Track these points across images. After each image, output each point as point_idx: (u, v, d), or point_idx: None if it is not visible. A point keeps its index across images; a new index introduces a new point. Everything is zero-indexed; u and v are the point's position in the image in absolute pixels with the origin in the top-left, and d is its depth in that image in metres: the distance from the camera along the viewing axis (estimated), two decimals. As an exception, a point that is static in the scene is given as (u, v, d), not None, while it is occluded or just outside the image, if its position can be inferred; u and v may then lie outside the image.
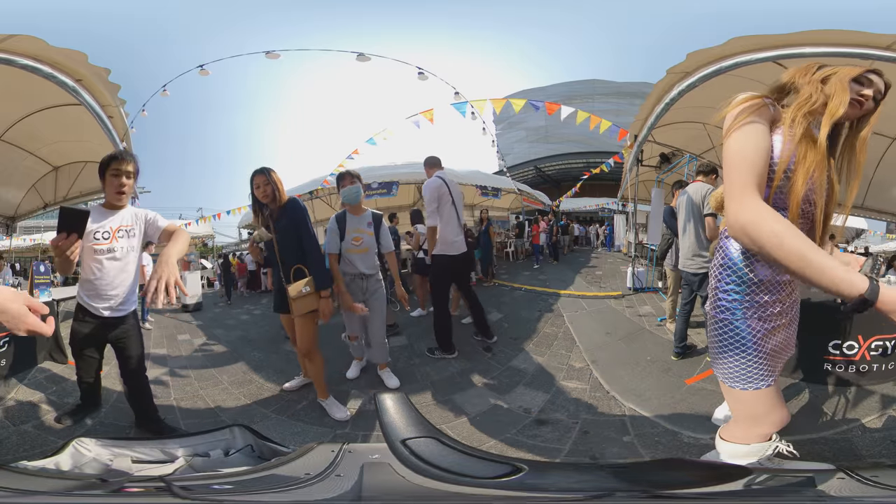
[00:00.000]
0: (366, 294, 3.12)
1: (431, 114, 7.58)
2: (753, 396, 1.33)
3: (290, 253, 2.69)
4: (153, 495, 0.95)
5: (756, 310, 1.30)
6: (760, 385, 1.32)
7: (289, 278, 2.68)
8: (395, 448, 0.90)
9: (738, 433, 1.43)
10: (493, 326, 4.26)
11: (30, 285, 4.08)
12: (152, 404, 2.57)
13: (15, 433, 2.49)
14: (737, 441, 1.41)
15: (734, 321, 1.32)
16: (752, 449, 1.40)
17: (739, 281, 1.31)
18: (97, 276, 2.27)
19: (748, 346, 1.31)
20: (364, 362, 3.36)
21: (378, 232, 3.16)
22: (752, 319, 1.31)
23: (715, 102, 1.31)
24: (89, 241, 2.22)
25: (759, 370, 1.32)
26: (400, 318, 5.04)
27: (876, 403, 2.64)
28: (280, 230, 2.71)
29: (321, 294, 2.65)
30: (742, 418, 1.41)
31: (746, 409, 1.38)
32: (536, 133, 26.38)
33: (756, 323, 1.31)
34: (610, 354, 3.82)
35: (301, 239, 2.68)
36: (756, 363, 1.31)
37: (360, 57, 6.64)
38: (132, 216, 2.38)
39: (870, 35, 3.45)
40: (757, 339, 1.31)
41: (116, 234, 2.29)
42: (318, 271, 2.68)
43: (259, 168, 2.71)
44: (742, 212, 1.09)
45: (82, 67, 4.07)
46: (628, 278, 6.50)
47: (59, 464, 1.27)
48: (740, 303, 1.31)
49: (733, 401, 1.41)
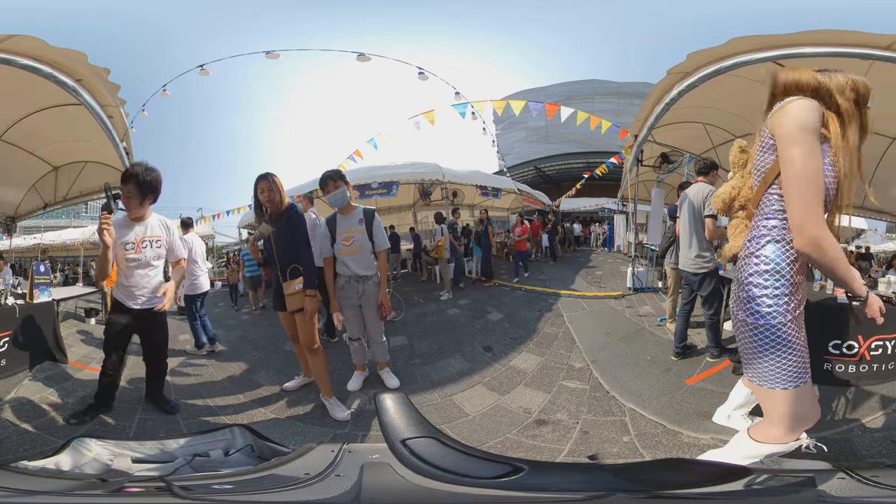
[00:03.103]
0: (361, 297, 3.04)
1: (432, 115, 7.59)
2: (797, 394, 1.37)
3: (287, 253, 2.86)
4: (153, 495, 0.95)
5: (796, 306, 1.38)
6: (805, 379, 1.38)
7: (285, 276, 2.85)
8: (395, 448, 0.90)
9: (775, 433, 1.43)
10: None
11: (30, 285, 4.07)
12: (162, 384, 2.97)
13: (15, 433, 2.49)
14: (775, 441, 1.43)
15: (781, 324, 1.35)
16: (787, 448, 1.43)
17: (787, 284, 1.36)
18: (127, 279, 2.68)
19: (793, 343, 1.36)
20: (366, 372, 3.32)
21: (370, 229, 3.05)
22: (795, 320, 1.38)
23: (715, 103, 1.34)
24: (121, 251, 2.64)
25: (802, 366, 1.38)
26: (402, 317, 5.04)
27: (876, 403, 2.64)
28: (278, 233, 2.87)
29: (306, 293, 2.81)
30: (782, 419, 1.41)
31: (789, 409, 1.39)
32: (536, 133, 26.39)
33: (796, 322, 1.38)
34: (610, 354, 3.82)
35: (295, 241, 2.85)
36: (800, 359, 1.37)
37: (360, 57, 6.64)
38: (160, 226, 2.79)
39: (870, 35, 3.45)
40: (798, 335, 1.38)
41: (141, 245, 2.69)
42: (307, 272, 2.84)
43: (263, 174, 2.89)
44: (818, 227, 1.24)
45: (82, 67, 4.07)
46: (628, 278, 6.49)
47: (59, 464, 1.27)
48: (787, 304, 1.36)
49: (775, 403, 1.41)
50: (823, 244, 1.24)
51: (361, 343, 3.21)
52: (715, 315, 3.54)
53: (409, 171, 9.04)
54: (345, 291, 3.04)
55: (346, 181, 3.06)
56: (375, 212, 3.15)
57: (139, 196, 2.63)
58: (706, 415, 2.52)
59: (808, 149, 1.23)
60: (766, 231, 1.37)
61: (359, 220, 3.04)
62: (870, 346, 2.86)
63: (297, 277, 2.83)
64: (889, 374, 2.86)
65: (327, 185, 3.01)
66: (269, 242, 2.90)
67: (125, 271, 2.67)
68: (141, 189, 2.62)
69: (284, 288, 2.84)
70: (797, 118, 1.25)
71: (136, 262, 2.66)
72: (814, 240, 1.24)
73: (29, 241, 15.74)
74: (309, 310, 2.82)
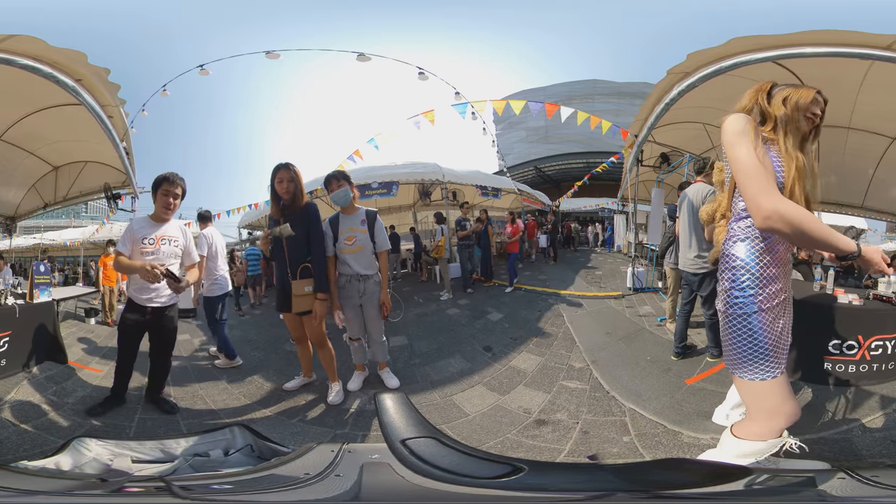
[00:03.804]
0: (363, 296, 3.05)
1: (432, 115, 7.58)
2: (768, 387, 1.45)
3: (299, 252, 2.86)
4: (153, 495, 0.95)
5: (767, 300, 1.45)
6: (775, 373, 1.44)
7: (295, 275, 2.85)
8: (395, 448, 0.90)
9: (754, 429, 1.50)
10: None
11: (30, 285, 4.07)
12: (163, 384, 3.02)
13: (15, 433, 2.49)
14: (753, 438, 1.49)
15: (749, 315, 1.45)
16: (766, 445, 1.47)
17: (754, 277, 1.46)
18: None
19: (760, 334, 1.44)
20: (366, 372, 3.33)
21: (372, 230, 3.08)
22: (764, 312, 1.45)
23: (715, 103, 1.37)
24: (138, 247, 2.74)
25: (772, 358, 1.45)
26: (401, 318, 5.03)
27: (876, 403, 2.64)
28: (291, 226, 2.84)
29: (317, 296, 2.84)
30: (758, 413, 1.50)
31: (762, 402, 1.48)
32: (536, 133, 26.37)
33: (767, 314, 1.45)
34: (610, 354, 3.82)
35: (310, 242, 2.87)
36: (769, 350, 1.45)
37: (360, 57, 6.64)
38: (179, 230, 2.91)
39: (870, 35, 3.45)
40: (768, 327, 1.45)
41: (160, 242, 2.79)
42: (320, 274, 2.86)
43: (283, 163, 2.89)
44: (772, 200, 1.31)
45: (82, 67, 4.07)
46: (628, 278, 6.49)
47: (59, 464, 1.27)
48: (754, 297, 1.45)
49: (748, 395, 1.51)
50: (785, 213, 1.30)
51: (362, 343, 3.21)
52: (715, 315, 3.53)
53: (409, 171, 9.04)
54: (346, 291, 3.04)
55: (349, 182, 3.08)
56: (377, 213, 3.19)
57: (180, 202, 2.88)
58: (706, 415, 2.52)
59: (745, 146, 1.38)
60: (736, 232, 1.51)
61: (361, 221, 3.07)
62: (870, 346, 2.85)
63: (307, 278, 2.84)
64: (889, 374, 2.86)
65: (331, 184, 3.04)
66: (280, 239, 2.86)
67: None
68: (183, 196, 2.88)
69: (293, 287, 2.83)
70: (729, 128, 1.44)
71: (153, 257, 2.74)
72: (773, 213, 1.30)
73: (29, 241, 15.74)
74: (319, 314, 2.85)
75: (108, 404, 2.83)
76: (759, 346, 1.45)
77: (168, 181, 2.78)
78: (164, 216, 2.83)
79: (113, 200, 6.10)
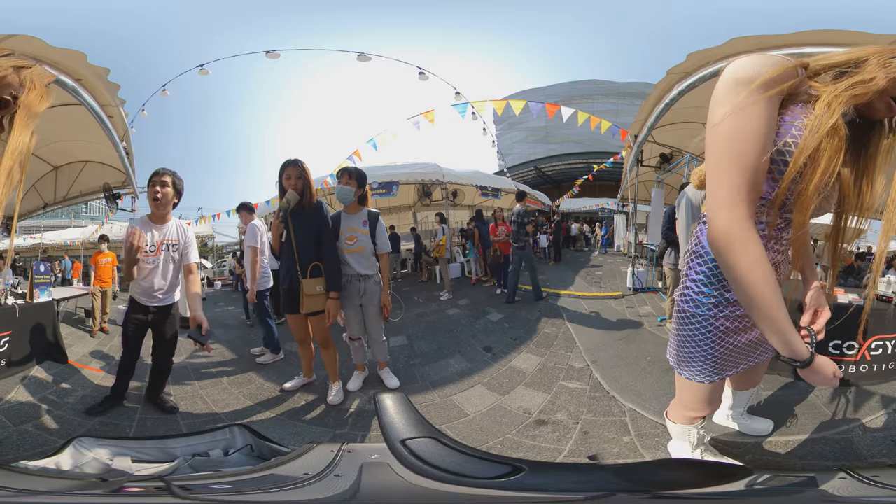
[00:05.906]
0: (363, 296, 3.05)
1: (432, 115, 7.58)
2: (698, 388, 1.41)
3: (308, 251, 2.85)
4: (153, 495, 0.95)
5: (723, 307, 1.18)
6: (704, 380, 1.35)
7: (305, 273, 2.83)
8: (395, 448, 0.90)
9: (673, 413, 1.64)
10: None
11: (30, 285, 4.07)
12: (164, 384, 3.00)
13: (15, 433, 2.48)
14: (678, 422, 1.62)
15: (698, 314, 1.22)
16: (680, 429, 1.63)
17: (710, 273, 1.19)
18: (144, 279, 2.80)
19: (705, 343, 1.24)
20: (366, 372, 3.32)
21: (374, 231, 3.07)
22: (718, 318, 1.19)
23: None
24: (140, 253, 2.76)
25: (708, 367, 1.29)
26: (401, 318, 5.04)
27: (876, 403, 2.64)
28: (301, 227, 2.83)
29: (330, 295, 2.83)
30: (680, 399, 1.55)
31: (684, 395, 1.51)
32: (536, 133, 26.36)
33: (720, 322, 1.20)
34: (610, 354, 3.82)
35: (320, 241, 2.85)
36: (708, 361, 1.27)
37: (360, 57, 6.65)
38: (177, 231, 2.87)
39: (869, 35, 3.44)
40: (715, 337, 1.22)
41: (161, 248, 2.81)
42: (333, 273, 2.86)
43: (292, 159, 2.83)
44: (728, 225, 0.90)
45: (82, 67, 4.06)
46: (628, 278, 6.49)
47: (59, 464, 1.27)
48: (707, 297, 1.19)
49: (678, 382, 1.51)
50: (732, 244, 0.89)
51: (361, 343, 3.21)
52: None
53: (409, 171, 9.04)
54: (346, 290, 3.04)
55: (359, 183, 3.05)
56: (379, 215, 3.18)
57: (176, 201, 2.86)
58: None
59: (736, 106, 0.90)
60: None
61: (363, 222, 3.07)
62: (870, 347, 2.86)
63: (318, 277, 2.83)
64: (889, 374, 2.86)
65: (342, 176, 3.05)
66: (290, 238, 2.83)
67: (143, 271, 2.80)
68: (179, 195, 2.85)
69: (304, 287, 2.80)
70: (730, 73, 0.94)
71: (154, 264, 2.79)
72: (724, 238, 0.90)
73: (29, 241, 15.74)
74: (332, 313, 2.85)
75: (108, 404, 2.83)
76: (699, 353, 1.27)
77: (155, 173, 2.77)
78: (153, 209, 2.80)
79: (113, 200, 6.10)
